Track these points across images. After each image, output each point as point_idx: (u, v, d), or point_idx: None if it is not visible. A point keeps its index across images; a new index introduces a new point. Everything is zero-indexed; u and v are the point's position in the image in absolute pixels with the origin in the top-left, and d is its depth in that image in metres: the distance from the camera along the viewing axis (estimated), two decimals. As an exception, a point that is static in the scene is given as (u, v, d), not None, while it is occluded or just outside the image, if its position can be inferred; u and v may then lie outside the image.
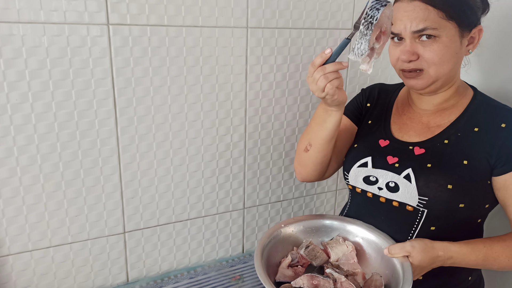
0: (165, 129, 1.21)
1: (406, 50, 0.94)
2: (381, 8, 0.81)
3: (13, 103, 1.03)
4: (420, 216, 0.96)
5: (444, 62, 0.94)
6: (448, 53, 0.93)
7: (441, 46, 0.92)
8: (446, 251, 0.92)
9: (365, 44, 0.82)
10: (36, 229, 1.14)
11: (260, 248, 0.93)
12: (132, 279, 1.31)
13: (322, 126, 1.02)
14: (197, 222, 1.35)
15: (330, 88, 0.89)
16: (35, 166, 1.09)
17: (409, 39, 0.93)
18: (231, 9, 1.19)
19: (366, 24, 0.81)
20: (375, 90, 1.17)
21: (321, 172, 1.12)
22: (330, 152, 1.07)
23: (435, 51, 0.92)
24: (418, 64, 0.94)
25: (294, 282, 0.90)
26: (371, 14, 0.81)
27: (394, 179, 0.98)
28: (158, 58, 1.14)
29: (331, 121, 1.00)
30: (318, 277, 0.89)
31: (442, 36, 0.92)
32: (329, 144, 1.04)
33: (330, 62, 0.88)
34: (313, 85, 0.92)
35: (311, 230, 1.04)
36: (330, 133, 1.02)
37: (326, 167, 1.11)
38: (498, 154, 0.93)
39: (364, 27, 0.81)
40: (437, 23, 0.91)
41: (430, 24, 0.91)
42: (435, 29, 0.91)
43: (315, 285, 0.88)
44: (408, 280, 0.86)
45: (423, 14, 0.91)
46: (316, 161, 1.07)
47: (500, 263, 0.94)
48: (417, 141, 1.01)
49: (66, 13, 1.02)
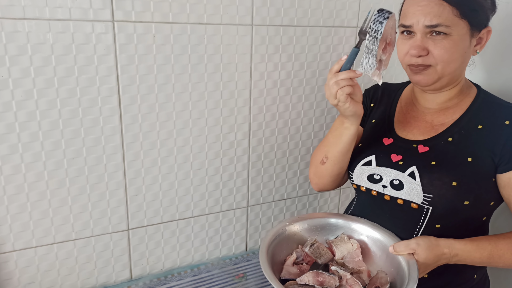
0: (169, 127, 1.21)
1: (417, 45, 0.93)
2: (384, 22, 0.83)
3: (18, 100, 1.03)
4: (425, 214, 0.96)
5: (453, 60, 0.93)
6: (457, 52, 0.93)
7: (451, 43, 0.92)
8: (451, 249, 0.92)
9: (373, 59, 0.84)
10: (40, 226, 1.14)
11: (265, 246, 0.93)
12: (136, 276, 1.31)
13: (339, 139, 1.03)
14: (201, 220, 1.35)
15: (341, 95, 0.91)
16: (40, 163, 1.09)
17: (420, 34, 0.93)
18: (236, 6, 1.19)
19: (371, 39, 0.83)
20: (378, 90, 1.16)
21: (338, 182, 1.14)
22: (347, 163, 1.08)
23: (445, 48, 0.92)
24: (427, 60, 0.93)
25: (300, 279, 0.90)
26: (375, 28, 0.83)
27: (398, 177, 0.98)
28: (162, 55, 1.14)
29: (346, 134, 1.01)
30: (323, 274, 0.89)
31: (453, 34, 0.91)
32: (345, 156, 1.05)
33: (343, 70, 0.89)
34: (327, 92, 0.94)
35: (316, 228, 1.04)
36: (346, 146, 1.03)
37: (342, 178, 1.13)
38: (502, 151, 0.93)
39: (370, 42, 0.83)
40: (450, 21, 0.90)
41: (443, 20, 0.90)
42: (448, 26, 0.90)
43: (321, 282, 0.88)
44: (414, 278, 0.85)
45: (438, 9, 0.90)
46: (332, 173, 1.09)
47: (505, 260, 0.93)
48: (421, 139, 1.01)
49: (71, 10, 1.02)
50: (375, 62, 0.85)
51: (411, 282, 0.85)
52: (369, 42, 0.84)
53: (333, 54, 1.38)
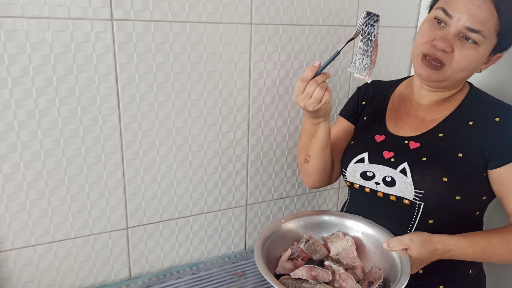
0: (168, 126, 1.21)
1: (448, 38, 0.90)
2: (375, 24, 0.86)
3: (16, 99, 1.03)
4: (417, 210, 0.97)
5: (466, 70, 0.93)
6: (474, 64, 0.92)
7: (475, 55, 0.90)
8: (444, 244, 0.92)
9: (367, 60, 0.87)
10: (39, 224, 1.14)
11: (260, 242, 0.94)
12: (135, 275, 1.31)
13: (315, 138, 1.05)
14: (200, 219, 1.35)
15: (328, 96, 0.92)
16: (39, 161, 1.09)
17: (455, 30, 0.89)
18: (235, 5, 1.19)
19: (365, 41, 0.86)
20: (370, 88, 1.17)
21: (327, 178, 1.16)
22: (330, 157, 1.10)
23: (467, 56, 0.90)
24: (445, 58, 0.91)
25: (293, 273, 0.90)
26: (367, 30, 0.86)
27: (391, 174, 0.99)
28: (161, 54, 1.14)
29: (321, 131, 1.03)
30: (317, 268, 0.90)
31: (481, 47, 0.90)
32: (326, 151, 1.08)
33: (317, 75, 0.92)
34: (306, 100, 0.93)
35: (311, 225, 1.05)
36: (324, 142, 1.05)
37: (329, 172, 1.14)
38: (492, 147, 0.93)
39: (364, 43, 0.86)
40: (489, 33, 0.88)
41: (485, 30, 0.87)
42: (484, 37, 0.88)
43: (314, 276, 0.89)
44: (406, 272, 0.86)
45: (486, 16, 0.87)
46: (317, 169, 1.11)
47: (498, 255, 0.94)
48: (412, 136, 1.01)
49: (70, 9, 1.02)
50: (370, 62, 0.88)
51: (403, 277, 0.85)
52: (363, 44, 0.87)
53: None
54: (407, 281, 0.84)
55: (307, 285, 0.88)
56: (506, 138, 0.93)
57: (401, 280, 0.85)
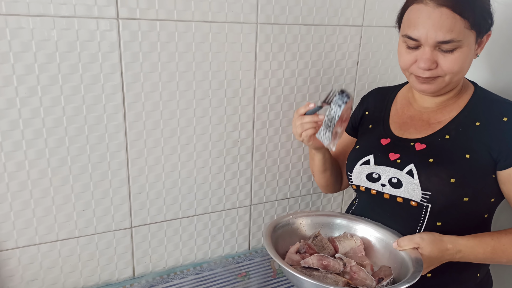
0: (173, 125, 1.21)
1: (427, 58, 0.91)
2: (342, 105, 0.92)
3: (21, 97, 1.03)
4: (425, 211, 0.96)
5: (461, 70, 0.93)
6: (466, 61, 0.92)
7: (462, 55, 0.90)
8: (454, 244, 0.91)
9: (329, 133, 0.95)
10: (43, 223, 1.14)
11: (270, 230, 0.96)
12: (138, 274, 1.31)
13: (313, 160, 1.18)
14: (204, 218, 1.35)
15: (305, 136, 1.01)
16: (43, 160, 1.09)
17: (429, 47, 0.90)
18: (240, 4, 1.19)
19: (330, 118, 0.94)
20: (371, 97, 1.19)
21: (334, 189, 1.28)
22: (331, 177, 1.21)
23: (455, 61, 0.90)
24: (435, 73, 0.92)
25: (304, 261, 0.89)
26: (334, 109, 0.93)
27: (397, 175, 0.98)
28: (166, 53, 1.14)
29: (317, 159, 1.15)
30: (328, 257, 0.89)
31: (463, 46, 0.89)
32: (324, 174, 1.19)
33: (309, 114, 1.00)
34: (294, 129, 1.04)
35: (318, 225, 1.05)
36: (321, 167, 1.17)
37: (334, 185, 1.25)
38: (500, 148, 0.92)
39: (328, 119, 0.94)
40: (462, 34, 0.88)
41: (456, 36, 0.87)
42: (460, 40, 0.88)
43: (325, 265, 0.88)
44: (418, 270, 0.85)
45: (450, 23, 0.87)
46: (321, 184, 1.24)
47: (508, 255, 0.93)
48: (418, 137, 1.01)
49: (75, 7, 1.02)
50: (331, 136, 0.95)
51: (416, 272, 0.84)
52: (327, 119, 0.94)
53: (338, 53, 1.37)
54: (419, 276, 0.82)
55: (318, 273, 0.86)
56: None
57: (414, 275, 0.83)
